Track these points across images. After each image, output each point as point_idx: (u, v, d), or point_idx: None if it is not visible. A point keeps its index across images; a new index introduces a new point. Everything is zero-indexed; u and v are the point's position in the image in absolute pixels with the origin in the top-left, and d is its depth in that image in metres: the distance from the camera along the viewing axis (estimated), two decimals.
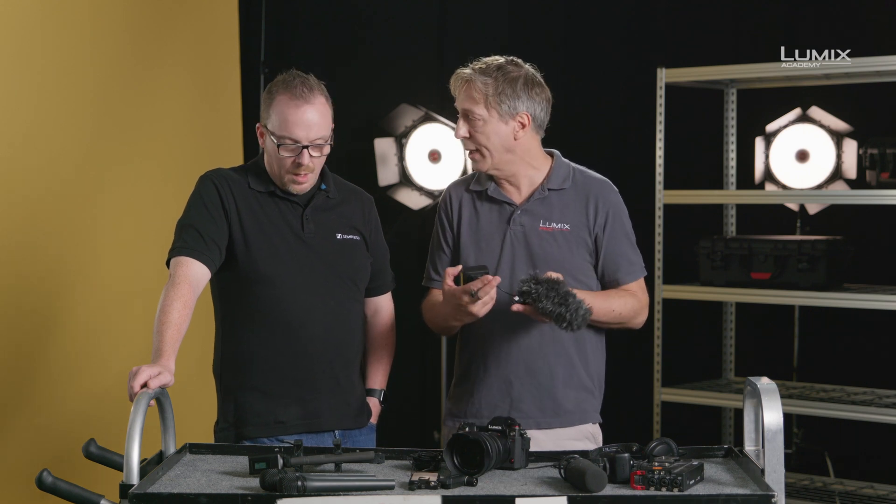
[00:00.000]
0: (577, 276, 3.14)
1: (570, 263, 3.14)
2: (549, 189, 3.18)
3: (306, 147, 3.12)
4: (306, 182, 3.18)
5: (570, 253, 3.15)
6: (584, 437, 3.18)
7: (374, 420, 3.37)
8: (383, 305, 3.46)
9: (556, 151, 3.26)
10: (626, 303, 3.17)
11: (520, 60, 3.20)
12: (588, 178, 3.23)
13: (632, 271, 3.21)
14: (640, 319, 3.22)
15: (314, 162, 3.15)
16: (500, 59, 3.18)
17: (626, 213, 3.24)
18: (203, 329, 4.05)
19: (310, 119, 3.12)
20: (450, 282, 3.03)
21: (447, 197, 3.32)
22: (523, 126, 3.14)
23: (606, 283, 3.20)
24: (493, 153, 3.16)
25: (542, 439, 3.11)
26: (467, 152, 3.23)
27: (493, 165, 3.18)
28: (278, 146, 3.13)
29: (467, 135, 3.17)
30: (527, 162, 3.19)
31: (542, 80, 3.19)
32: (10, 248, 4.34)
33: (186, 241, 3.10)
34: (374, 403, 3.39)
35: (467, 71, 3.18)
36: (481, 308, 2.97)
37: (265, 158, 3.23)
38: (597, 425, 3.24)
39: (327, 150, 3.18)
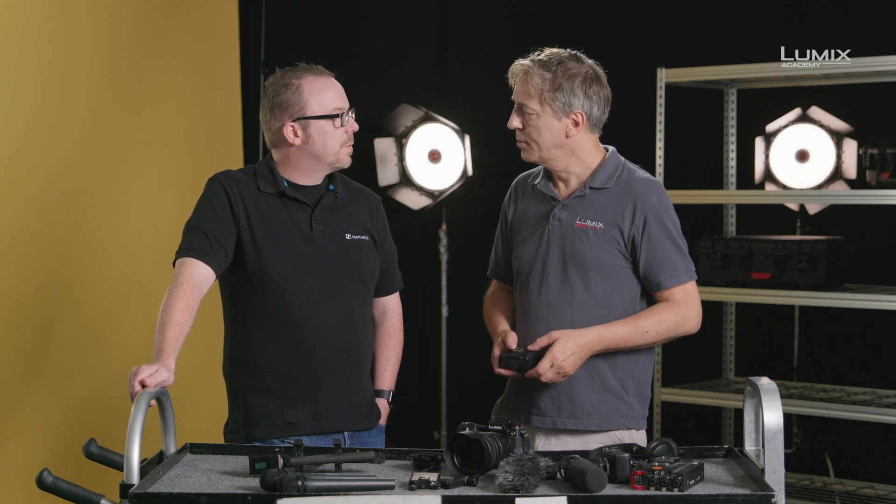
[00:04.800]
0: (605, 275, 3.11)
1: (598, 261, 3.11)
2: (590, 187, 3.15)
3: (349, 112, 3.23)
4: (351, 151, 3.27)
5: (601, 251, 3.11)
6: (614, 442, 3.09)
7: (382, 421, 3.36)
8: (391, 306, 3.46)
9: (611, 148, 3.21)
10: (661, 320, 3.09)
11: (583, 56, 3.15)
12: (633, 178, 3.16)
13: (674, 275, 3.10)
14: (687, 328, 3.13)
15: None
16: (563, 53, 3.13)
17: (672, 215, 3.14)
18: (205, 329, 4.05)
19: (341, 87, 3.25)
20: (496, 353, 3.17)
21: (510, 189, 3.34)
22: (577, 124, 3.11)
23: (649, 286, 3.13)
24: (541, 147, 3.13)
25: (570, 442, 3.11)
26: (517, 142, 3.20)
27: (540, 158, 3.16)
28: (335, 118, 3.18)
29: (520, 126, 3.14)
30: (578, 158, 3.15)
31: (602, 79, 3.15)
32: (10, 249, 4.34)
33: (192, 242, 3.10)
34: (383, 404, 3.39)
35: (526, 62, 3.13)
36: None
37: (293, 152, 3.21)
38: (632, 432, 3.16)
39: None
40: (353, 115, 3.25)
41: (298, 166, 3.22)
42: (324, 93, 3.19)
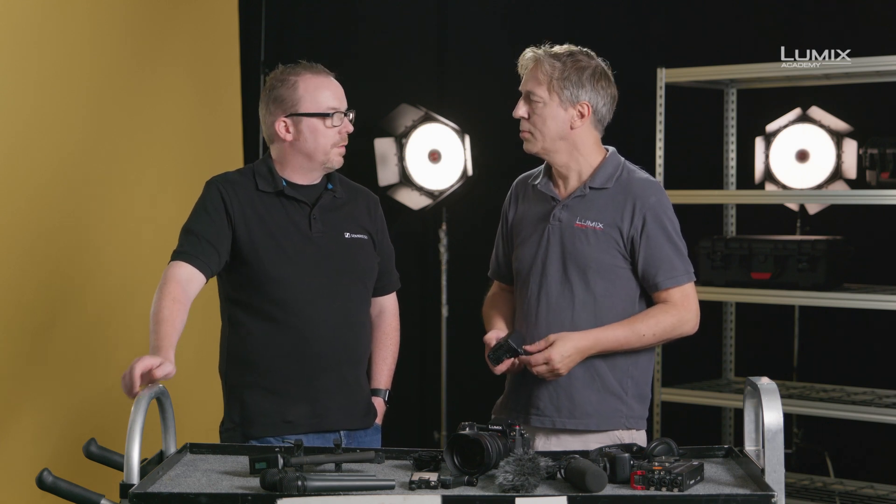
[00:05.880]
0: (605, 276, 3.12)
1: (597, 262, 3.12)
2: (590, 187, 3.15)
3: (345, 114, 3.22)
4: (343, 152, 3.25)
5: (600, 251, 3.12)
6: (614, 442, 3.10)
7: (378, 421, 3.36)
8: (388, 305, 3.46)
9: (612, 149, 3.22)
10: (658, 322, 3.10)
11: (592, 53, 3.18)
12: (632, 178, 3.17)
13: (672, 276, 3.11)
14: (685, 329, 3.14)
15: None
16: (574, 48, 3.16)
17: (671, 216, 3.15)
18: (203, 329, 4.05)
19: (339, 88, 3.24)
20: (489, 342, 3.17)
21: (510, 189, 3.35)
22: (582, 116, 3.13)
23: (647, 287, 3.14)
24: (545, 137, 3.14)
25: (570, 442, 3.11)
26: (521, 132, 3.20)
27: (542, 149, 3.16)
28: (327, 117, 3.18)
29: (525, 115, 3.15)
30: (579, 154, 3.16)
31: (610, 76, 3.18)
32: (10, 249, 4.34)
33: (183, 245, 3.13)
34: (380, 403, 3.39)
35: (538, 51, 3.15)
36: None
37: (287, 149, 3.22)
38: (632, 432, 3.17)
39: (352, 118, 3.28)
40: (352, 118, 3.25)
41: (293, 164, 3.23)
42: (318, 91, 3.20)
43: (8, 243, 4.33)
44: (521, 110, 3.16)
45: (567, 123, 3.14)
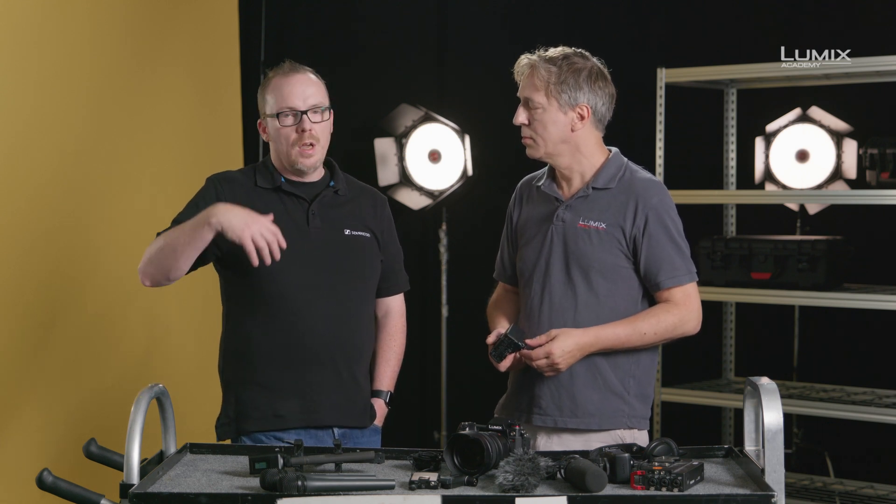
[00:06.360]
0: (607, 276, 3.12)
1: (599, 262, 3.12)
2: (593, 188, 3.16)
3: (305, 113, 3.18)
4: (314, 154, 3.22)
5: (602, 251, 3.12)
6: (615, 441, 3.10)
7: (378, 422, 3.36)
8: (394, 307, 3.46)
9: (615, 149, 3.23)
10: (660, 321, 3.10)
11: (587, 53, 3.18)
12: (635, 178, 3.17)
13: (673, 275, 3.12)
14: (686, 329, 3.14)
15: (317, 129, 3.20)
16: (568, 50, 3.17)
17: (673, 216, 3.15)
18: (203, 329, 4.05)
19: (303, 87, 3.21)
20: (490, 340, 3.17)
21: (515, 191, 3.36)
22: (582, 118, 3.13)
23: (649, 286, 3.14)
24: (547, 142, 3.15)
25: (571, 441, 3.12)
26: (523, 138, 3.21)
27: (545, 153, 3.17)
28: (278, 116, 3.18)
29: (526, 122, 3.16)
30: (581, 155, 3.17)
31: (607, 75, 3.18)
32: (10, 249, 4.34)
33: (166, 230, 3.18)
34: (380, 405, 3.38)
35: (533, 57, 3.16)
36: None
37: (271, 150, 3.27)
38: (634, 431, 3.17)
39: (328, 116, 3.23)
40: (326, 115, 3.22)
41: (280, 163, 3.27)
42: (275, 91, 3.21)
43: (8, 243, 4.33)
44: (521, 117, 3.17)
45: (567, 127, 3.14)
